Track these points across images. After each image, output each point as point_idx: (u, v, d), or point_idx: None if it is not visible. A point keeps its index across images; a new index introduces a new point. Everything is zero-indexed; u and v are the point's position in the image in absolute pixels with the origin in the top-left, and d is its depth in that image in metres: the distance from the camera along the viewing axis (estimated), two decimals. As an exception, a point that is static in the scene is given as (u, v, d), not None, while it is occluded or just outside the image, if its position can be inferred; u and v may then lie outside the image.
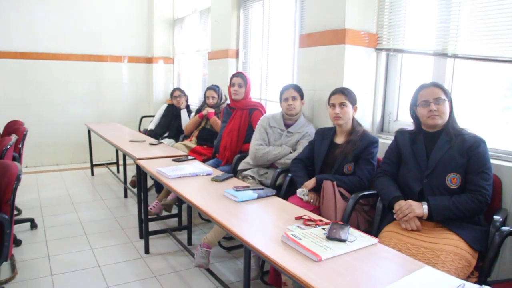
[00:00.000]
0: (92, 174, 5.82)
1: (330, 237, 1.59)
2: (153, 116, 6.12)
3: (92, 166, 5.81)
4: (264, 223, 1.94)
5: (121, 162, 5.79)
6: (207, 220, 3.93)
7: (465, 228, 1.87)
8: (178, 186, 2.45)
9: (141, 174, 3.29)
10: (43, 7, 5.92)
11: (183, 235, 3.55)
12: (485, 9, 2.31)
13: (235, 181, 2.59)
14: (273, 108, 3.74)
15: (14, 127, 3.89)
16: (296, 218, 1.88)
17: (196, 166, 2.91)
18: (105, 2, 6.38)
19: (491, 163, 2.00)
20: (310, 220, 1.83)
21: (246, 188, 2.30)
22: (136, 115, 6.62)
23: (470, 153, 1.95)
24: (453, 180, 1.97)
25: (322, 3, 3.00)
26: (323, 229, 1.70)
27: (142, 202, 3.26)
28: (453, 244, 1.79)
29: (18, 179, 2.13)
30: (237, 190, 2.23)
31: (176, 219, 3.80)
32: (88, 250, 3.30)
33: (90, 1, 6.26)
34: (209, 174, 2.72)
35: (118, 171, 5.83)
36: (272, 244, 1.60)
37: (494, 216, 1.88)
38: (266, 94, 4.29)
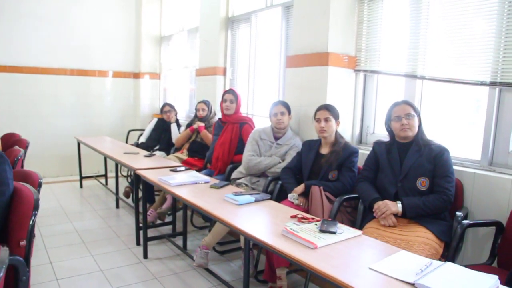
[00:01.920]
0: (81, 186, 5.98)
1: (322, 230, 1.91)
2: (140, 129, 6.38)
3: (81, 178, 5.98)
4: (264, 221, 2.24)
5: (109, 174, 6.01)
6: (199, 227, 4.20)
7: (433, 223, 2.23)
8: (181, 193, 2.73)
9: (140, 183, 3.53)
10: (33, 22, 6.10)
11: (177, 241, 3.79)
12: (448, 38, 2.70)
13: (232, 188, 2.89)
14: (259, 123, 4.06)
15: (13, 139, 4.06)
16: (291, 217, 2.19)
17: (193, 175, 3.19)
18: (94, 19, 6.61)
19: (455, 169, 2.38)
20: (303, 218, 2.13)
21: (243, 193, 2.60)
22: (123, 129, 6.80)
23: (436, 160, 2.32)
24: (422, 183, 2.32)
25: (308, 29, 3.35)
26: (315, 224, 2.02)
27: (143, 211, 3.49)
28: (423, 236, 2.14)
29: (40, 185, 2.36)
30: (236, 195, 2.52)
31: (168, 226, 4.06)
32: (89, 257, 3.50)
33: (80, 17, 6.48)
34: (207, 182, 3.01)
35: (106, 183, 6.01)
36: (274, 237, 1.90)
37: (457, 212, 2.25)
38: (253, 110, 4.61)
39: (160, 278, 3.12)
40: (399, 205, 2.28)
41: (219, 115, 4.69)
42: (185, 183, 2.95)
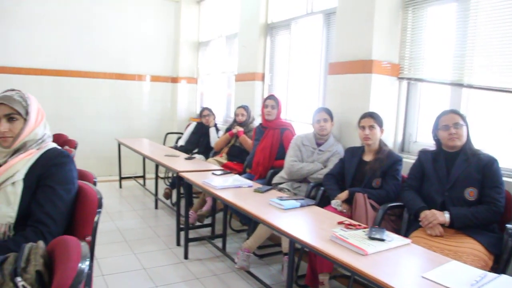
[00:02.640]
0: (120, 186, 6.16)
1: (371, 237, 1.92)
2: (178, 133, 6.53)
3: (121, 179, 6.17)
4: (310, 226, 2.28)
5: (147, 175, 6.16)
6: (237, 230, 4.26)
7: (482, 234, 2.21)
8: (226, 196, 2.79)
9: (184, 185, 3.62)
10: (77, 28, 6.36)
11: (217, 243, 3.86)
12: (496, 46, 2.67)
13: (275, 193, 2.94)
14: (297, 129, 4.09)
15: (62, 140, 4.24)
16: (338, 223, 2.21)
17: (236, 179, 3.25)
18: (135, 25, 6.82)
19: (504, 180, 2.35)
20: (350, 224, 2.16)
21: (289, 198, 2.64)
22: (160, 132, 6.96)
23: (485, 170, 2.29)
24: (471, 193, 2.31)
25: (351, 36, 3.38)
26: (363, 231, 2.04)
27: (185, 212, 3.59)
28: (472, 247, 2.12)
29: (95, 184, 2.47)
30: (282, 199, 2.57)
31: (207, 228, 4.16)
32: (131, 255, 3.62)
33: (121, 24, 6.71)
34: (250, 186, 3.07)
35: (144, 184, 6.16)
36: (322, 242, 1.93)
37: (507, 225, 2.21)
38: (291, 115, 4.65)
39: (201, 278, 3.20)
40: (447, 215, 2.27)
41: (258, 120, 4.76)
42: (229, 187, 3.01)
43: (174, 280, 3.16)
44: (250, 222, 3.57)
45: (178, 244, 3.84)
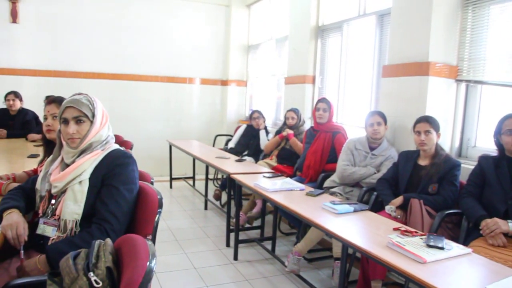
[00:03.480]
0: (171, 186, 6.33)
1: (430, 245, 1.87)
2: (227, 135, 6.62)
3: (171, 179, 6.33)
4: (365, 231, 2.24)
5: (197, 176, 6.29)
6: (286, 233, 4.26)
7: (550, 246, 2.08)
8: (278, 199, 2.80)
9: (235, 187, 3.67)
10: (131, 34, 6.61)
11: (266, 246, 3.87)
12: None
13: (328, 197, 2.92)
14: (348, 132, 4.03)
15: (118, 141, 4.40)
16: (394, 229, 2.16)
17: (288, 182, 3.25)
18: (187, 30, 6.99)
19: None
20: (407, 231, 2.10)
21: (342, 202, 2.62)
22: (210, 134, 7.07)
23: (554, 178, 2.16)
24: (538, 202, 2.18)
25: (406, 38, 3.29)
26: (421, 238, 1.98)
27: (235, 214, 3.63)
28: (539, 260, 2.00)
29: (152, 184, 2.56)
30: (335, 204, 2.54)
31: (256, 230, 4.18)
32: (182, 254, 3.70)
33: (173, 29, 6.90)
34: (302, 190, 3.06)
35: (194, 185, 6.29)
36: (378, 248, 1.90)
37: None
38: (342, 118, 4.59)
39: (251, 280, 3.22)
40: (511, 224, 2.16)
41: (308, 123, 4.74)
42: (281, 190, 3.02)
43: (224, 280, 3.21)
44: (299, 225, 3.56)
45: (228, 245, 3.89)
